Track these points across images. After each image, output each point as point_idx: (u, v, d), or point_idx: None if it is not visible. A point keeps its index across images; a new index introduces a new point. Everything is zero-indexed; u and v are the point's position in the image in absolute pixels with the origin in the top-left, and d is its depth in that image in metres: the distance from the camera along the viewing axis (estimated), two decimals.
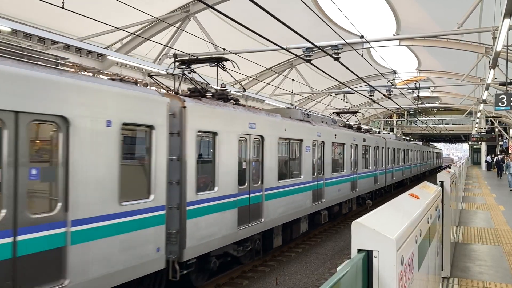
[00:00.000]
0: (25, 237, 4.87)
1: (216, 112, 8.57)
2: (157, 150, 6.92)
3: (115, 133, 6.09)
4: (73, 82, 5.61)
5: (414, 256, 2.85)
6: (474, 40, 20.14)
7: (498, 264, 7.52)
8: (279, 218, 10.86)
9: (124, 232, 6.22)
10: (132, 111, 6.48)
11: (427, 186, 5.37)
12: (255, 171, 9.93)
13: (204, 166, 8.28)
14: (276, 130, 10.88)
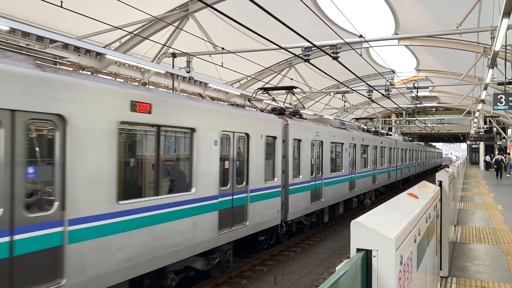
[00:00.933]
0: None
1: (301, 126, 12.88)
2: (277, 151, 11.27)
3: (263, 141, 10.53)
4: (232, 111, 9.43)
5: (413, 255, 2.85)
6: (472, 39, 20.16)
7: (496, 263, 7.53)
8: (330, 200, 15.19)
9: (268, 198, 10.64)
10: (269, 128, 10.88)
11: (426, 185, 5.37)
12: (317, 165, 14.05)
13: (294, 161, 12.40)
14: (329, 136, 15.05)
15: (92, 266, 5.65)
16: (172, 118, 7.28)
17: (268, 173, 10.71)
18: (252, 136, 9.88)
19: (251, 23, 9.56)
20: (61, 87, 5.33)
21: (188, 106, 7.79)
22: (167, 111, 7.14)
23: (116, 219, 6.05)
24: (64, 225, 5.28)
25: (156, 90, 7.81)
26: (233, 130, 9.14)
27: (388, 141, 24.22)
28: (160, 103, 6.96)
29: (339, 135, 16.06)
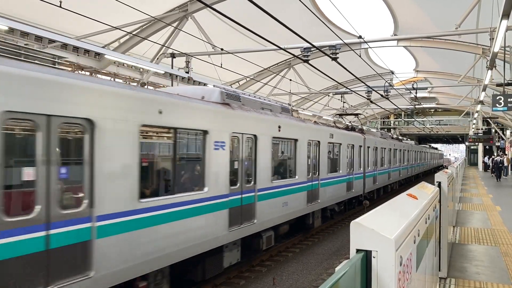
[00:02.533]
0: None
1: (370, 138, 20.72)
2: (360, 155, 18.55)
3: (357, 148, 18.16)
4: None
5: (413, 256, 2.85)
6: (471, 41, 20.19)
7: (495, 264, 7.53)
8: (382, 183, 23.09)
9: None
10: (358, 140, 18.20)
11: (425, 186, 5.37)
12: (379, 161, 22.34)
13: (370, 160, 20.65)
14: (379, 143, 22.32)
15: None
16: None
17: (357, 167, 18.43)
18: (343, 144, 16.52)
19: (250, 24, 9.56)
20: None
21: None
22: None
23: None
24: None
25: None
26: (339, 142, 16.05)
27: (407, 145, 32.24)
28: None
29: (385, 143, 23.84)
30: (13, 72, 4.93)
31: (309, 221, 13.64)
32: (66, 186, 5.50)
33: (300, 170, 12.24)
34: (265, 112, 10.76)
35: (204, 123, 8.07)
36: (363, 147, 19.52)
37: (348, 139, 17.22)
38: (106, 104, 5.91)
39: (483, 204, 15.97)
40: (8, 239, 4.66)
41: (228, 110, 8.91)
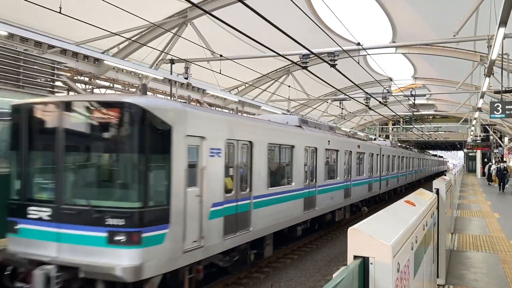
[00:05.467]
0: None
1: (386, 148, 24.42)
2: (377, 162, 21.85)
3: (374, 155, 21.50)
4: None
5: (410, 263, 2.85)
6: (469, 48, 20.28)
7: (493, 271, 7.52)
8: (393, 185, 26.68)
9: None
10: (373, 150, 21.05)
11: (423, 193, 5.38)
12: (390, 166, 25.19)
13: (384, 164, 23.52)
14: (391, 152, 25.63)
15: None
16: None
17: (375, 172, 21.61)
18: (366, 153, 19.79)
19: (249, 30, 9.59)
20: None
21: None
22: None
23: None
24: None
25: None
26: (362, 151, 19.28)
27: (413, 153, 36.29)
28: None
29: (395, 151, 27.39)
30: (233, 120, 9.23)
31: (344, 214, 17.34)
32: (242, 178, 9.35)
33: (340, 173, 16.08)
34: (321, 130, 15.14)
35: (291, 140, 12.09)
36: (379, 155, 22.67)
37: (369, 149, 20.55)
38: (256, 133, 10.03)
39: (481, 211, 15.97)
40: (224, 206, 8.49)
41: (302, 131, 13.17)
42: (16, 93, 10.19)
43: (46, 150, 7.19)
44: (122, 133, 6.58)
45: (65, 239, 6.57)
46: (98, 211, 6.41)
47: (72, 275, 6.32)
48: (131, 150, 6.55)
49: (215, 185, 8.14)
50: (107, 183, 7.04)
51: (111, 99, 7.21)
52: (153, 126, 6.62)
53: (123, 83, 19.71)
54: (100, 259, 6.26)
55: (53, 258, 6.48)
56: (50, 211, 6.71)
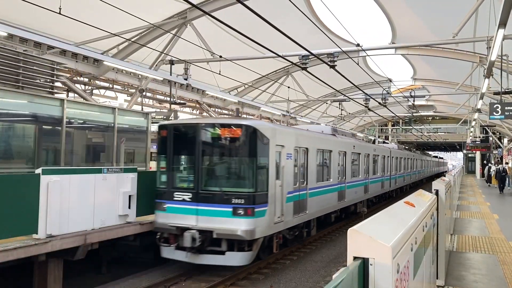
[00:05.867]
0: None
1: (397, 151, 28.71)
2: (388, 163, 24.99)
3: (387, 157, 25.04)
4: None
5: (410, 264, 2.85)
6: (469, 49, 20.29)
7: (492, 272, 7.52)
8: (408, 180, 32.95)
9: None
10: (385, 152, 24.53)
11: (422, 194, 5.38)
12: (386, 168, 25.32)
13: (395, 164, 27.34)
14: (385, 152, 24.83)
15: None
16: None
17: (387, 172, 24.64)
18: (380, 155, 22.82)
19: (249, 31, 9.60)
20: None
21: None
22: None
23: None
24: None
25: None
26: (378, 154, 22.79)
27: (417, 155, 39.81)
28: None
29: (402, 154, 30.62)
30: (298, 132, 12.82)
31: (363, 206, 19.81)
32: (301, 175, 12.38)
33: (361, 173, 18.92)
34: (347, 137, 18.30)
35: (330, 146, 15.09)
36: (389, 157, 25.56)
37: (382, 151, 23.65)
38: (310, 141, 13.20)
39: (480, 212, 15.97)
40: (293, 194, 11.62)
41: (336, 138, 16.23)
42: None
43: (186, 155, 10.94)
44: (241, 143, 10.21)
45: (202, 213, 10.01)
46: (226, 194, 9.93)
47: (208, 236, 9.78)
48: (246, 154, 10.18)
49: (289, 179, 11.39)
50: (231, 176, 10.81)
51: (234, 121, 10.63)
52: (260, 139, 10.13)
53: (123, 84, 19.70)
54: (227, 225, 9.71)
55: (194, 225, 9.93)
56: (191, 195, 10.22)
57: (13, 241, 8.03)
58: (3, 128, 10.54)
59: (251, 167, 10.07)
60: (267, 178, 10.20)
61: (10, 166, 10.41)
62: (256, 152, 10.04)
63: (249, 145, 10.08)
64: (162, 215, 10.44)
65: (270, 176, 10.28)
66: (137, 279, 10.34)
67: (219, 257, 9.88)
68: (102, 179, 9.90)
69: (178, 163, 11.13)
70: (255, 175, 9.97)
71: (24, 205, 8.27)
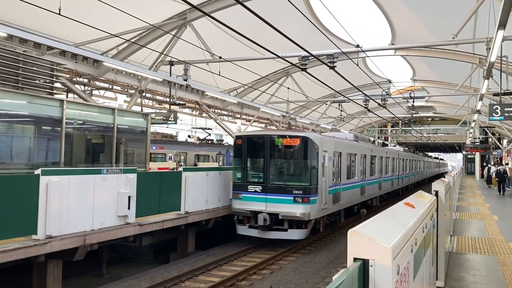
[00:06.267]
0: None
1: (404, 153, 32.40)
2: (397, 164, 28.14)
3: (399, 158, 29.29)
4: None
5: (410, 265, 2.84)
6: (468, 50, 20.30)
7: (492, 274, 7.52)
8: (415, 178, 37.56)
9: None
10: (394, 154, 27.52)
11: (422, 195, 5.37)
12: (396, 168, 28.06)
13: (403, 165, 31.39)
14: (394, 154, 27.24)
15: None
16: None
17: (396, 172, 27.26)
18: (390, 157, 25.30)
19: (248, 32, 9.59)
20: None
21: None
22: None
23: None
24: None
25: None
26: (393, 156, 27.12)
27: (420, 157, 43.54)
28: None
29: (407, 155, 33.68)
30: (335, 140, 16.04)
31: (377, 201, 23.00)
32: (337, 173, 15.40)
33: (377, 172, 21.97)
34: (365, 142, 21.99)
35: (355, 150, 18.03)
36: (398, 158, 28.50)
37: (392, 154, 26.49)
38: (342, 147, 15.99)
39: (480, 213, 15.97)
40: (332, 188, 14.90)
41: (358, 144, 19.26)
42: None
43: (257, 158, 14.21)
44: (299, 149, 13.66)
45: (270, 200, 13.44)
46: (288, 187, 13.38)
47: (274, 218, 13.15)
48: (303, 157, 13.68)
49: (330, 176, 14.73)
50: (291, 173, 14.12)
51: (294, 133, 14.09)
52: (312, 147, 13.54)
53: (122, 85, 19.69)
54: (289, 210, 13.13)
55: (264, 210, 13.32)
56: (261, 187, 13.65)
57: (12, 242, 8.02)
58: (2, 129, 10.53)
59: (306, 167, 13.68)
60: (317, 176, 13.65)
61: (10, 166, 10.40)
62: (309, 156, 13.60)
63: (304, 151, 13.60)
64: (238, 202, 13.87)
65: (319, 174, 13.74)
66: (137, 280, 10.33)
67: (283, 233, 13.27)
68: (101, 180, 9.90)
69: (250, 164, 14.33)
70: (309, 173, 13.54)
71: (24, 206, 8.26)
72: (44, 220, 8.43)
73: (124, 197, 10.35)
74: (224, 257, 12.24)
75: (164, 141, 24.81)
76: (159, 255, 13.93)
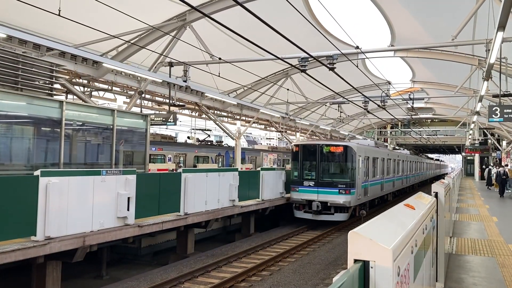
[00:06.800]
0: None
1: (409, 155, 35.77)
2: (406, 165, 33.03)
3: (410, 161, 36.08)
4: None
5: (410, 267, 2.84)
6: (467, 52, 20.32)
7: (492, 275, 7.51)
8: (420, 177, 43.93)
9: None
10: (404, 157, 32.89)
11: (422, 196, 5.37)
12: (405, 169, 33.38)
13: (411, 168, 37.57)
14: (403, 157, 31.79)
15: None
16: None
17: (406, 172, 32.29)
18: (400, 159, 29.92)
19: (248, 33, 9.60)
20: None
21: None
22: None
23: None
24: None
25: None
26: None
27: (424, 159, 48.96)
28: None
29: (414, 158, 38.54)
30: (365, 147, 20.83)
31: (392, 197, 27.96)
32: (366, 173, 20.04)
33: (391, 172, 26.09)
34: (382, 148, 26.34)
35: (377, 154, 22.15)
36: (406, 160, 32.78)
37: (402, 157, 31.00)
38: (369, 152, 20.67)
39: (479, 214, 15.97)
40: (363, 183, 19.61)
41: (378, 149, 23.59)
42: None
43: (310, 161, 18.62)
44: (342, 154, 18.28)
45: (321, 192, 17.95)
46: (334, 182, 17.94)
47: (324, 205, 17.71)
48: (345, 160, 18.28)
49: (362, 175, 19.02)
50: (336, 172, 18.56)
51: (338, 143, 18.90)
52: (351, 152, 18.14)
53: (122, 86, 19.68)
54: (335, 199, 17.64)
55: (316, 199, 17.82)
56: (313, 182, 18.14)
57: (12, 243, 8.00)
58: (2, 130, 10.52)
59: (347, 167, 18.39)
60: (355, 174, 18.30)
61: (9, 167, 10.39)
62: (350, 160, 18.30)
63: (346, 156, 18.29)
64: (296, 193, 18.64)
65: (356, 173, 18.36)
66: (136, 281, 10.32)
67: (330, 216, 17.86)
68: (101, 181, 9.89)
69: (305, 165, 18.95)
70: (350, 172, 18.22)
71: (23, 207, 8.25)
72: (43, 221, 8.42)
73: (123, 198, 10.33)
74: (224, 258, 12.24)
75: (164, 142, 24.80)
76: (158, 256, 13.91)
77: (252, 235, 17.05)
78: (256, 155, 34.36)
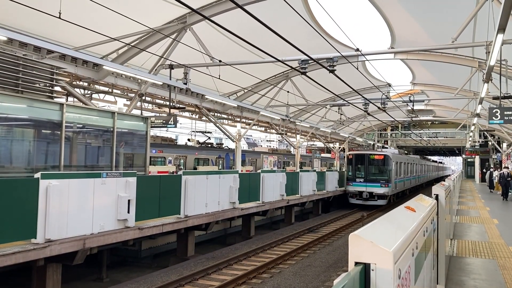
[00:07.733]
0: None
1: (419, 159, 46.61)
2: (417, 167, 43.59)
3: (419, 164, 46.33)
4: None
5: (411, 269, 2.83)
6: (467, 54, 20.33)
7: (492, 277, 7.50)
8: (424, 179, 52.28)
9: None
10: (416, 161, 42.96)
11: (423, 199, 5.36)
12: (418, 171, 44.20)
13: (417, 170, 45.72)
14: (416, 161, 41.93)
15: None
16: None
17: (415, 172, 41.24)
18: (415, 163, 40.55)
19: (248, 36, 9.62)
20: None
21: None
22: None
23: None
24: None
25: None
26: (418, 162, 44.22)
27: (429, 162, 56.22)
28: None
29: (422, 161, 47.13)
30: (397, 155, 32.23)
31: (408, 191, 37.12)
32: (397, 172, 30.62)
33: (409, 173, 35.18)
34: (402, 154, 37.00)
35: (401, 160, 32.63)
36: (417, 164, 40.67)
37: (415, 160, 38.42)
38: (398, 159, 31.46)
39: (480, 217, 15.95)
40: (396, 180, 31.10)
41: (401, 155, 34.43)
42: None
43: (361, 165, 29.43)
44: (383, 160, 29.21)
45: (368, 186, 28.78)
46: (378, 179, 28.78)
47: (370, 194, 28.52)
48: (384, 164, 29.15)
49: (395, 174, 29.00)
50: (379, 172, 29.20)
51: (380, 152, 30.43)
52: (389, 160, 28.94)
53: (122, 88, 19.70)
54: (378, 190, 28.40)
55: (365, 190, 28.61)
56: (363, 179, 29.02)
57: (12, 245, 8.00)
58: (2, 132, 10.52)
59: (386, 170, 28.25)
60: (391, 174, 27.96)
61: (9, 170, 10.39)
62: (388, 164, 28.28)
63: (385, 161, 28.33)
64: (350, 187, 28.62)
65: (391, 173, 27.90)
66: (136, 284, 10.31)
67: (375, 201, 27.53)
68: (101, 184, 9.88)
69: (357, 168, 28.88)
70: (388, 172, 28.14)
71: (23, 210, 8.25)
72: (43, 224, 8.42)
73: (123, 200, 10.33)
74: (224, 260, 12.24)
75: (164, 144, 24.80)
76: (158, 259, 13.90)
77: (253, 238, 17.14)
78: (256, 157, 34.37)
